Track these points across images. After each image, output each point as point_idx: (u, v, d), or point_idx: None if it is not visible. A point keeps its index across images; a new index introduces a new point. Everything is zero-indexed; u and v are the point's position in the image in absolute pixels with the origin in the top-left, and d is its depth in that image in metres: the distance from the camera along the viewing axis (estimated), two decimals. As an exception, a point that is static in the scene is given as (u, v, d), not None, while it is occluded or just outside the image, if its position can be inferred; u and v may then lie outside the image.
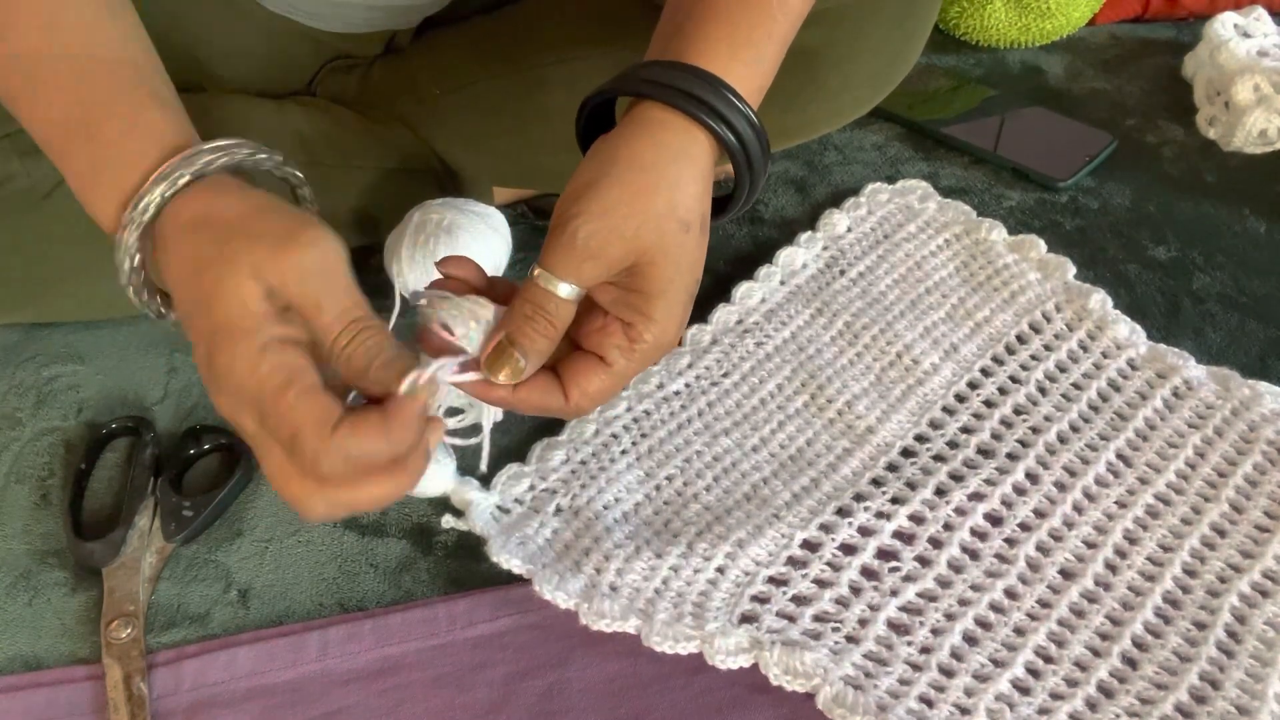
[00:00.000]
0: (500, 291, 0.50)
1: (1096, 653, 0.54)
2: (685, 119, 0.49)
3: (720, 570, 0.56)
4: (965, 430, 0.65)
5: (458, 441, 0.51)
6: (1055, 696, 0.52)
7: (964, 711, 0.51)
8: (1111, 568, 0.57)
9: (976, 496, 0.60)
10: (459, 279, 0.50)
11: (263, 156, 0.49)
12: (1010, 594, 0.56)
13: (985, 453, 0.63)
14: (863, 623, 0.54)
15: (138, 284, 0.48)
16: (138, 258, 0.47)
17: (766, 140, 0.52)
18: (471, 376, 0.47)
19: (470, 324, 0.47)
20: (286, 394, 0.42)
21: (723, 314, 0.71)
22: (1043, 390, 0.67)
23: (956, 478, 0.61)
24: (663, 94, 0.49)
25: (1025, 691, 0.52)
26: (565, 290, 0.47)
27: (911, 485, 0.61)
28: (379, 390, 0.44)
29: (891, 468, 0.63)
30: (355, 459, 0.43)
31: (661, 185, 0.48)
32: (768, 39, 0.52)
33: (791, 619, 0.55)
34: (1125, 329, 0.70)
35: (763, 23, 0.52)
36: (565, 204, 0.48)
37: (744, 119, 0.50)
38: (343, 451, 0.42)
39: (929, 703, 0.51)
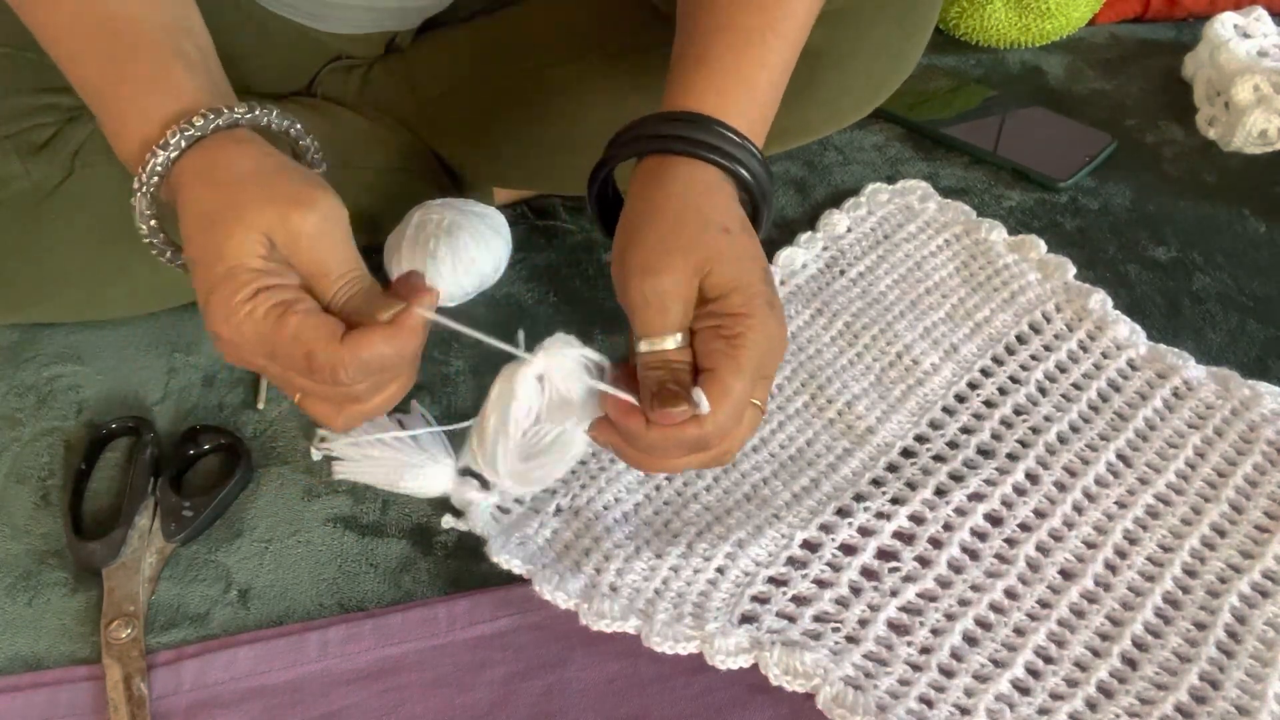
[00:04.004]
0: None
1: (1096, 653, 0.54)
2: (693, 161, 0.52)
3: (720, 570, 0.56)
4: (965, 430, 0.65)
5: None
6: (1055, 697, 0.52)
7: (964, 712, 0.51)
8: (1111, 568, 0.57)
9: (976, 497, 0.60)
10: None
11: (264, 114, 0.51)
12: (1010, 594, 0.56)
13: (985, 453, 0.63)
14: (863, 623, 0.54)
15: (153, 229, 0.51)
16: (150, 207, 0.50)
17: (770, 173, 0.55)
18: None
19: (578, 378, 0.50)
20: (289, 321, 0.45)
21: (723, 314, 0.71)
22: (1043, 390, 0.67)
23: (956, 478, 0.61)
24: (666, 145, 0.52)
25: (1025, 692, 0.52)
26: (672, 343, 0.49)
27: (911, 485, 0.61)
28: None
29: (891, 468, 0.63)
30: (367, 362, 0.46)
31: (688, 207, 0.51)
32: (760, 67, 0.55)
33: (791, 619, 0.55)
34: (1125, 329, 0.70)
35: (758, 55, 0.54)
36: (615, 271, 0.51)
37: (749, 154, 0.53)
38: (356, 357, 0.45)
39: (929, 703, 0.51)
